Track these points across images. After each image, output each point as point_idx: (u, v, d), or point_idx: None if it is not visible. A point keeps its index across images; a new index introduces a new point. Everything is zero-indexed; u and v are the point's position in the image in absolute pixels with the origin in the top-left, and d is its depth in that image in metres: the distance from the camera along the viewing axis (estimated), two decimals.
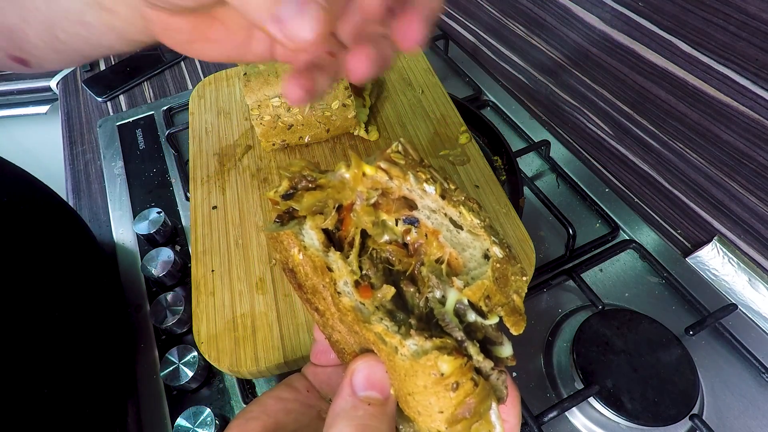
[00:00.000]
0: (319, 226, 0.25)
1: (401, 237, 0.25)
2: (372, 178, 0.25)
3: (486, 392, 0.21)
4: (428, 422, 0.21)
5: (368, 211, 0.25)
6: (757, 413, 0.50)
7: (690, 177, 0.60)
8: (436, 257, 0.24)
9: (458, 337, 0.22)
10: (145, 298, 0.62)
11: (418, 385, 0.20)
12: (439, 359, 0.20)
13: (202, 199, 0.49)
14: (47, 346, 0.45)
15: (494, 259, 0.23)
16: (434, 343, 0.20)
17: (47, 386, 0.43)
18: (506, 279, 0.23)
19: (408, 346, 0.21)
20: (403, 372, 0.21)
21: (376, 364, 0.23)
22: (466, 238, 0.24)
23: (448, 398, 0.20)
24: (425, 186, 0.24)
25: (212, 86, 0.62)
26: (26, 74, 1.03)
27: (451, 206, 0.24)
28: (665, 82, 0.57)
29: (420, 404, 0.21)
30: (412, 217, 0.25)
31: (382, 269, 0.24)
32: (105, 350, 0.54)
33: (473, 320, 0.23)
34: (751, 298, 0.57)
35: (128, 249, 0.68)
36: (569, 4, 0.67)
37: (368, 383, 0.23)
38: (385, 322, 0.22)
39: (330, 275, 0.23)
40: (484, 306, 0.23)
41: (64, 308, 0.50)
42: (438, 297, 0.23)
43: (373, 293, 0.23)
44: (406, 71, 0.61)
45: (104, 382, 0.53)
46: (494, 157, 0.64)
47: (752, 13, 0.46)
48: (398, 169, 0.24)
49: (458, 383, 0.20)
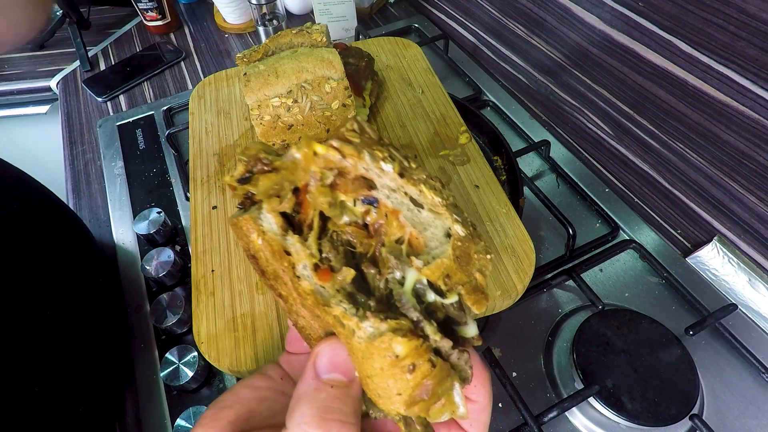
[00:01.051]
0: (275, 210, 0.24)
1: (361, 218, 0.25)
2: (324, 156, 0.24)
3: (445, 373, 0.20)
4: (388, 405, 0.21)
5: (323, 192, 0.24)
6: (757, 413, 0.50)
7: (690, 177, 0.60)
8: (396, 237, 0.24)
9: (414, 318, 0.21)
10: (145, 298, 0.62)
11: (375, 367, 0.20)
12: (393, 341, 0.20)
13: (202, 199, 0.49)
14: (47, 346, 0.45)
15: (455, 237, 0.23)
16: (389, 324, 0.20)
17: (47, 386, 0.43)
18: (468, 257, 0.23)
19: (364, 328, 0.20)
20: (360, 355, 0.21)
21: (339, 347, 0.23)
22: (427, 217, 0.24)
23: (405, 380, 0.20)
24: (382, 164, 0.23)
25: (212, 86, 0.62)
26: (26, 74, 1.03)
27: (411, 185, 0.23)
28: (665, 82, 0.57)
29: (379, 387, 0.21)
30: (371, 197, 0.24)
31: (343, 252, 0.24)
32: (105, 350, 0.54)
33: (432, 300, 0.22)
34: (751, 298, 0.57)
35: (128, 249, 0.68)
36: (569, 4, 0.67)
37: (331, 366, 0.22)
38: (343, 305, 0.21)
39: (288, 259, 0.23)
40: (443, 285, 0.22)
41: (63, 309, 0.50)
42: (398, 278, 0.23)
43: (333, 276, 0.23)
44: (406, 71, 0.61)
45: (104, 382, 0.53)
46: (494, 157, 0.64)
47: (752, 13, 0.45)
48: (352, 147, 0.23)
49: (414, 365, 0.20)
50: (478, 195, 0.47)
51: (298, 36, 0.55)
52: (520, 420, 0.49)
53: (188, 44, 1.05)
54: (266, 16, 0.88)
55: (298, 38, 0.55)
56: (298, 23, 1.06)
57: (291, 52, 0.54)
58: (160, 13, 1.03)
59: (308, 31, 0.55)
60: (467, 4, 0.91)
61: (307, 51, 0.53)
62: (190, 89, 0.93)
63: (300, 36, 0.55)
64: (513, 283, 0.41)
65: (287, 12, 1.08)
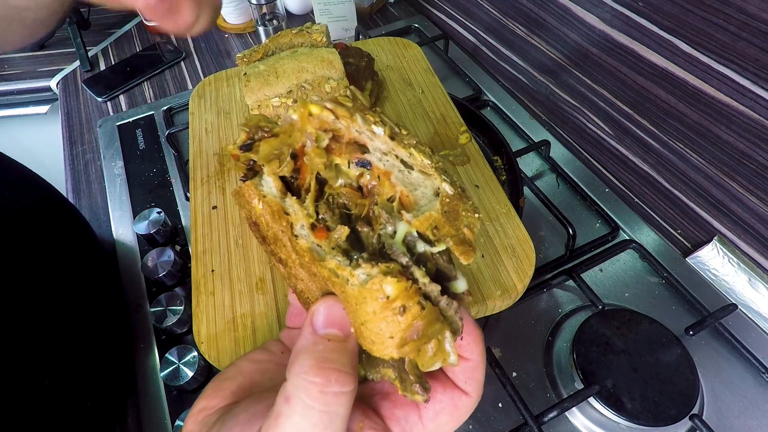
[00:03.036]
0: (275, 173, 0.26)
1: (355, 180, 0.26)
2: (318, 117, 0.25)
3: (434, 315, 0.21)
4: (381, 350, 0.22)
5: (319, 153, 0.25)
6: (757, 413, 0.50)
7: (690, 177, 0.60)
8: (388, 196, 0.25)
9: (403, 262, 0.22)
10: (145, 298, 0.62)
11: (368, 312, 0.21)
12: (383, 282, 0.20)
13: (202, 199, 0.49)
14: (47, 345, 0.45)
15: (444, 194, 0.24)
16: (380, 268, 0.21)
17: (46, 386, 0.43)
18: (456, 214, 0.24)
19: (357, 275, 0.21)
20: (354, 302, 0.22)
21: (335, 303, 0.24)
22: (417, 177, 0.25)
23: (396, 322, 0.21)
24: (374, 127, 0.25)
25: (212, 86, 0.62)
26: (26, 74, 1.03)
27: (401, 147, 0.25)
28: (665, 82, 0.57)
29: (372, 332, 0.21)
30: (365, 160, 0.25)
31: (338, 214, 0.25)
32: (105, 350, 0.54)
33: (422, 251, 0.23)
34: (751, 298, 0.57)
35: (128, 249, 0.68)
36: (569, 4, 0.67)
37: (328, 321, 0.23)
38: (337, 258, 0.23)
39: (286, 218, 0.24)
40: (431, 235, 0.23)
41: (63, 308, 0.50)
42: (389, 232, 0.24)
43: (329, 234, 0.24)
44: (406, 71, 0.61)
45: (104, 382, 0.53)
46: (494, 157, 0.64)
47: (752, 13, 0.45)
48: (345, 109, 0.25)
49: (405, 306, 0.21)
50: (478, 195, 0.47)
51: (298, 36, 0.55)
52: (520, 420, 0.49)
53: (188, 44, 1.05)
54: (266, 16, 0.88)
55: (298, 38, 0.55)
56: (298, 23, 1.06)
57: (291, 52, 0.54)
58: None
59: (308, 31, 0.55)
60: (467, 4, 0.91)
61: (307, 51, 0.53)
62: (190, 89, 0.93)
63: (300, 36, 0.55)
64: (513, 283, 0.41)
65: (287, 12, 1.08)
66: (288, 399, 0.20)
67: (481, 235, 0.44)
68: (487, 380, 0.56)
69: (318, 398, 0.20)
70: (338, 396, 0.21)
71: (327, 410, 0.20)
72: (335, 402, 0.20)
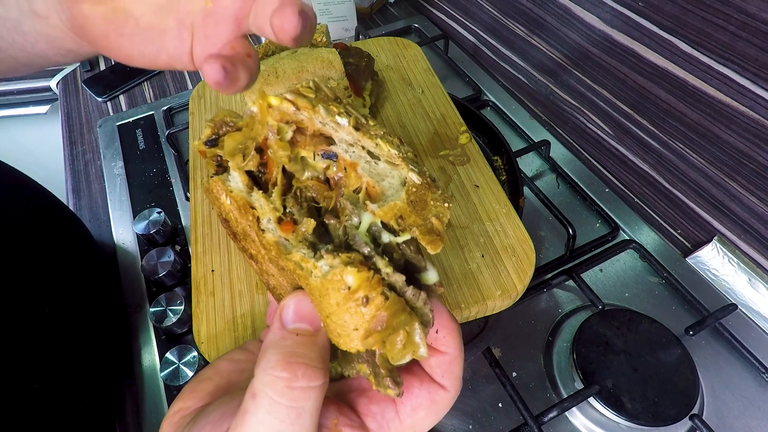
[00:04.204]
0: (241, 167, 0.25)
1: (322, 173, 0.26)
2: (278, 108, 0.25)
3: (399, 306, 0.21)
4: (348, 343, 0.21)
5: (283, 145, 0.25)
6: (757, 413, 0.50)
7: (690, 177, 0.60)
8: (355, 188, 0.25)
9: (365, 252, 0.22)
10: (145, 298, 0.62)
11: (331, 304, 0.21)
12: (344, 272, 0.20)
13: (202, 199, 0.49)
14: (46, 345, 0.45)
15: (410, 184, 0.23)
16: (341, 258, 0.21)
17: (46, 386, 0.43)
18: (424, 203, 0.23)
19: (320, 267, 0.21)
20: (318, 294, 0.21)
21: (304, 298, 0.23)
22: (384, 168, 0.25)
23: (360, 314, 0.20)
24: (338, 118, 0.24)
25: None
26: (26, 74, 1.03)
27: (367, 138, 0.24)
28: (665, 82, 0.57)
29: (337, 325, 0.21)
30: (330, 152, 0.25)
31: (306, 207, 0.25)
32: (105, 350, 0.54)
33: (387, 241, 0.23)
34: (751, 298, 0.57)
35: (128, 249, 0.68)
36: (569, 4, 0.67)
37: (297, 316, 0.23)
38: (302, 251, 0.23)
39: (253, 213, 0.24)
40: (396, 225, 0.23)
41: (63, 308, 0.50)
42: (355, 223, 0.24)
43: (296, 228, 0.24)
44: (406, 71, 0.61)
45: (104, 382, 0.53)
46: (494, 157, 0.64)
47: (752, 13, 0.45)
48: (306, 100, 0.24)
49: (368, 297, 0.20)
50: (478, 195, 0.47)
51: None
52: (520, 420, 0.49)
53: None
54: None
55: None
56: None
57: (291, 52, 0.54)
58: None
59: None
60: (467, 4, 0.91)
61: (307, 51, 0.53)
62: (190, 89, 0.93)
63: None
64: (513, 283, 0.41)
65: None
66: (255, 395, 0.20)
67: (481, 235, 0.44)
68: (487, 380, 0.57)
69: (285, 393, 0.20)
70: (305, 391, 0.20)
71: (294, 405, 0.20)
72: (302, 397, 0.20)
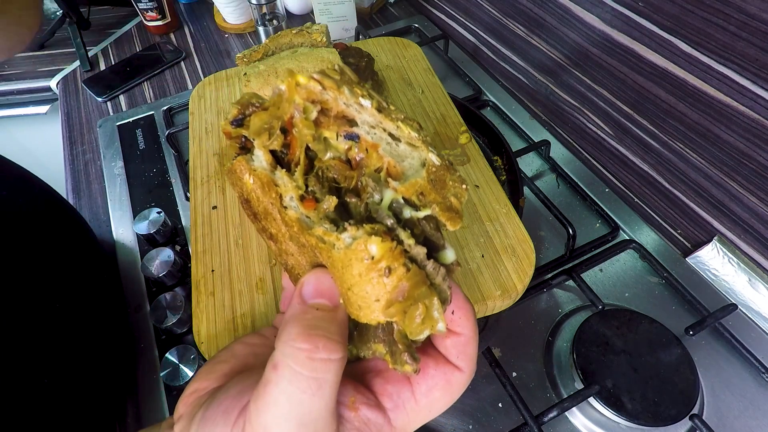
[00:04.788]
0: (266, 146, 0.26)
1: (344, 153, 0.26)
2: (306, 87, 0.25)
3: (420, 278, 0.21)
4: (368, 314, 0.21)
5: (308, 124, 0.25)
6: (757, 413, 0.50)
7: (690, 177, 0.60)
8: (376, 167, 0.25)
9: (389, 224, 0.23)
10: (145, 298, 0.62)
11: (353, 275, 0.21)
12: (368, 242, 0.21)
13: (202, 199, 0.49)
14: (46, 345, 0.45)
15: (430, 164, 0.24)
16: (365, 229, 0.21)
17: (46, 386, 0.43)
18: (443, 183, 0.24)
19: (343, 239, 0.22)
20: (340, 266, 0.22)
21: (324, 274, 0.24)
22: (404, 149, 0.25)
23: (382, 284, 0.21)
24: (361, 100, 0.25)
25: (212, 86, 0.62)
26: (26, 74, 1.03)
27: (389, 120, 0.25)
28: (665, 82, 0.57)
29: (358, 296, 0.21)
30: (353, 133, 0.26)
31: (328, 187, 0.25)
32: (105, 350, 0.54)
33: (409, 216, 0.24)
34: (751, 298, 0.57)
35: (128, 249, 0.68)
36: (569, 4, 0.67)
37: (316, 292, 0.23)
38: (325, 225, 0.23)
39: (276, 190, 0.25)
40: (417, 201, 0.24)
41: (63, 308, 0.50)
42: (376, 200, 0.24)
43: (317, 205, 0.24)
44: (406, 71, 0.61)
45: (104, 382, 0.53)
46: (494, 157, 0.64)
47: (752, 13, 0.45)
48: (332, 81, 0.25)
49: (390, 268, 0.21)
50: (478, 195, 0.47)
51: (298, 36, 0.55)
52: (520, 420, 0.49)
53: (188, 44, 1.05)
54: (266, 16, 0.88)
55: (298, 38, 0.55)
56: (298, 23, 1.06)
57: (291, 52, 0.54)
58: (160, 13, 1.03)
59: (308, 31, 0.55)
60: (467, 4, 0.91)
61: (307, 51, 0.53)
62: (190, 89, 0.93)
63: (300, 36, 0.55)
64: (513, 283, 0.41)
65: (287, 12, 1.08)
66: (276, 366, 0.20)
67: (481, 235, 0.44)
68: (487, 380, 0.57)
69: (306, 364, 0.20)
70: (326, 363, 0.20)
71: (315, 376, 0.20)
72: (323, 368, 0.20)
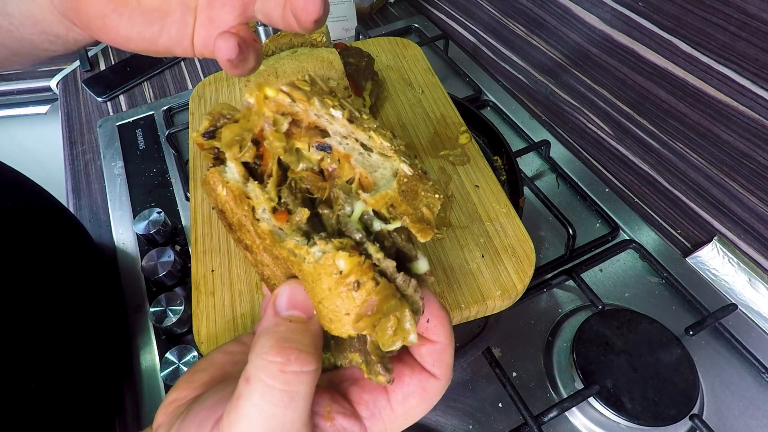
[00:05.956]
0: (237, 158, 0.26)
1: (316, 164, 0.26)
2: (274, 100, 0.25)
3: (389, 291, 0.21)
4: (339, 328, 0.22)
5: (278, 137, 0.26)
6: (757, 413, 0.50)
7: (690, 177, 0.60)
8: (348, 178, 0.25)
9: (357, 238, 0.23)
10: (145, 298, 0.62)
11: (323, 289, 0.21)
12: (336, 257, 0.21)
13: (202, 199, 0.49)
14: (46, 346, 0.45)
15: (401, 174, 0.24)
16: (333, 244, 0.21)
17: (47, 386, 0.43)
18: (415, 194, 0.24)
19: (312, 252, 0.22)
20: (311, 279, 0.22)
21: (297, 287, 0.24)
22: (376, 159, 0.25)
23: (351, 298, 0.21)
24: (332, 111, 0.25)
25: (212, 86, 0.62)
26: (26, 74, 1.03)
27: (360, 131, 0.25)
28: (665, 82, 0.57)
29: (329, 310, 0.22)
30: (325, 144, 0.26)
31: (301, 198, 0.26)
32: (105, 350, 0.54)
33: (379, 229, 0.24)
34: (751, 298, 0.57)
35: (128, 249, 0.68)
36: (569, 4, 0.67)
37: (290, 304, 0.23)
38: (296, 238, 0.23)
39: (248, 202, 0.25)
40: (387, 213, 0.24)
41: (63, 309, 0.49)
42: (348, 212, 0.24)
43: (290, 217, 0.24)
44: (406, 71, 0.61)
45: (104, 382, 0.53)
46: (494, 157, 0.64)
47: (752, 13, 0.45)
48: (301, 92, 0.25)
49: (359, 282, 0.21)
50: (478, 195, 0.47)
51: (298, 36, 0.55)
52: (520, 420, 0.49)
53: None
54: None
55: (298, 38, 0.55)
56: None
57: (291, 52, 0.54)
58: None
59: None
60: (467, 4, 0.91)
61: (307, 51, 0.53)
62: (190, 89, 0.93)
63: (300, 36, 0.55)
64: (513, 283, 0.41)
65: None
66: (248, 379, 0.20)
67: (481, 235, 0.44)
68: (487, 380, 0.57)
69: (278, 377, 0.20)
70: (299, 375, 0.20)
71: (287, 389, 0.20)
72: (296, 381, 0.20)
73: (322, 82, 0.27)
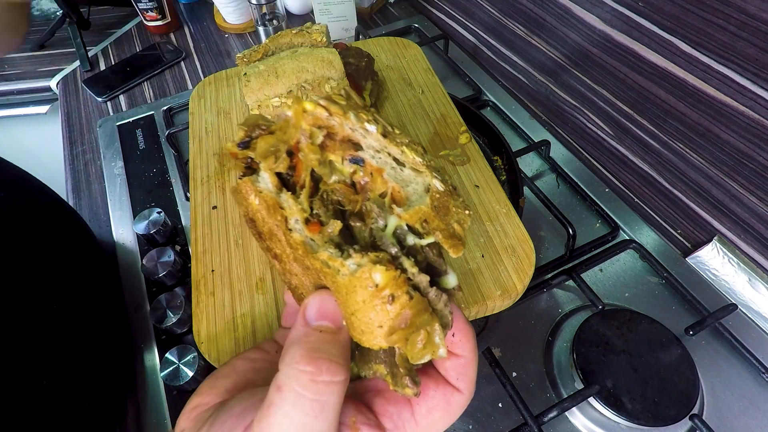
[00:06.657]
0: (272, 169, 0.26)
1: (349, 177, 0.26)
2: (312, 113, 0.26)
3: (422, 305, 0.22)
4: (371, 340, 0.22)
5: (314, 149, 0.26)
6: (757, 413, 0.50)
7: (690, 177, 0.60)
8: (380, 192, 0.26)
9: (393, 252, 0.23)
10: (145, 298, 0.62)
11: (357, 301, 0.22)
12: (372, 270, 0.21)
13: (202, 199, 0.49)
14: (46, 346, 0.45)
15: (434, 190, 0.24)
16: (369, 257, 0.22)
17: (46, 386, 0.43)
18: (447, 209, 0.24)
19: (348, 265, 0.22)
20: (344, 291, 0.22)
21: (327, 296, 0.24)
22: (409, 174, 0.26)
23: (385, 311, 0.21)
24: (367, 125, 0.25)
25: (212, 86, 0.62)
26: (26, 74, 1.03)
27: (393, 145, 0.25)
28: (665, 82, 0.57)
29: (362, 322, 0.22)
30: (358, 157, 0.26)
31: (332, 210, 0.26)
32: (105, 350, 0.54)
33: (412, 243, 0.24)
34: (751, 298, 0.57)
35: (128, 249, 0.68)
36: (569, 4, 0.67)
37: (320, 314, 0.24)
38: (329, 250, 0.23)
39: (281, 212, 0.25)
40: (421, 228, 0.24)
41: (63, 308, 0.50)
42: (380, 226, 0.25)
43: (322, 229, 0.24)
44: (406, 71, 0.61)
45: (104, 382, 0.53)
46: (494, 157, 0.64)
47: (752, 13, 0.45)
48: (338, 107, 0.25)
49: (393, 296, 0.21)
50: (478, 195, 0.47)
51: (298, 36, 0.55)
52: (520, 420, 0.49)
53: (188, 44, 1.05)
54: (266, 16, 0.88)
55: (298, 38, 0.55)
56: (298, 23, 1.06)
57: (291, 52, 0.54)
58: (160, 13, 1.03)
59: (308, 31, 0.55)
60: (467, 4, 0.91)
61: (307, 51, 0.53)
62: (190, 89, 0.93)
63: (300, 36, 0.55)
64: (513, 283, 0.41)
65: (287, 12, 1.08)
66: (280, 388, 0.20)
67: (481, 235, 0.44)
68: (487, 380, 0.57)
69: (309, 387, 0.20)
70: (329, 385, 0.21)
71: (318, 399, 0.20)
72: (326, 391, 0.21)
73: (356, 97, 0.27)
